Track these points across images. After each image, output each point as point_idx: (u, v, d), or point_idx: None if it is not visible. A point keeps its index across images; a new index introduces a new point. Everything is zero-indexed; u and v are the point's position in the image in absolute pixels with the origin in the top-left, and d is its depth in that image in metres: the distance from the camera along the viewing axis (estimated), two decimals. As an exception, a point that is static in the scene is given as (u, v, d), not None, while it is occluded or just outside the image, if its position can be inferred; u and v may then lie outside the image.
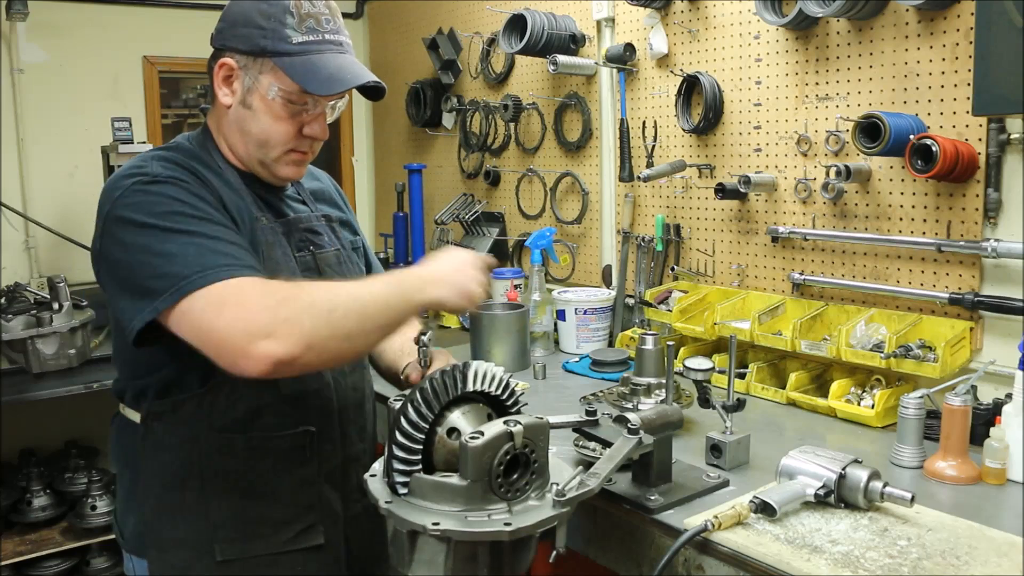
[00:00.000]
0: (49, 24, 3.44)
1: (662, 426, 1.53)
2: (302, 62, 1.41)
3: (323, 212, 1.67)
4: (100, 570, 3.21)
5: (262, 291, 1.25)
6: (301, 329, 1.20)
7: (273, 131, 1.47)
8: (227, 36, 1.46)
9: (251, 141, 1.49)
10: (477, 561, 1.24)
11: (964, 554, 1.29)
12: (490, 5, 3.21)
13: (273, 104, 1.44)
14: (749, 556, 1.31)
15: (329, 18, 1.46)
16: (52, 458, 3.37)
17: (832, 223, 2.23)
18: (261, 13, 1.42)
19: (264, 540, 1.48)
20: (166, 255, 1.28)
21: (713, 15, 2.48)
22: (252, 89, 1.45)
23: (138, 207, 1.33)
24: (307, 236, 1.58)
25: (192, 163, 1.45)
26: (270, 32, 1.41)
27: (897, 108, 2.04)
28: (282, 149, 1.49)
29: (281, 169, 1.52)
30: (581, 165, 3.04)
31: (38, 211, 3.43)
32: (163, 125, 3.82)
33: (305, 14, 1.42)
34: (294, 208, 1.61)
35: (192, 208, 1.34)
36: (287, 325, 1.20)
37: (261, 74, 1.43)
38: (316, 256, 1.57)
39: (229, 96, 1.47)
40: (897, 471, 1.69)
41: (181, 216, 1.32)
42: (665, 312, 2.48)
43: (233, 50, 1.45)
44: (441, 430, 1.31)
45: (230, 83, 1.47)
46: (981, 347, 1.96)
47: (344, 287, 1.31)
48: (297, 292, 1.25)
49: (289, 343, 1.19)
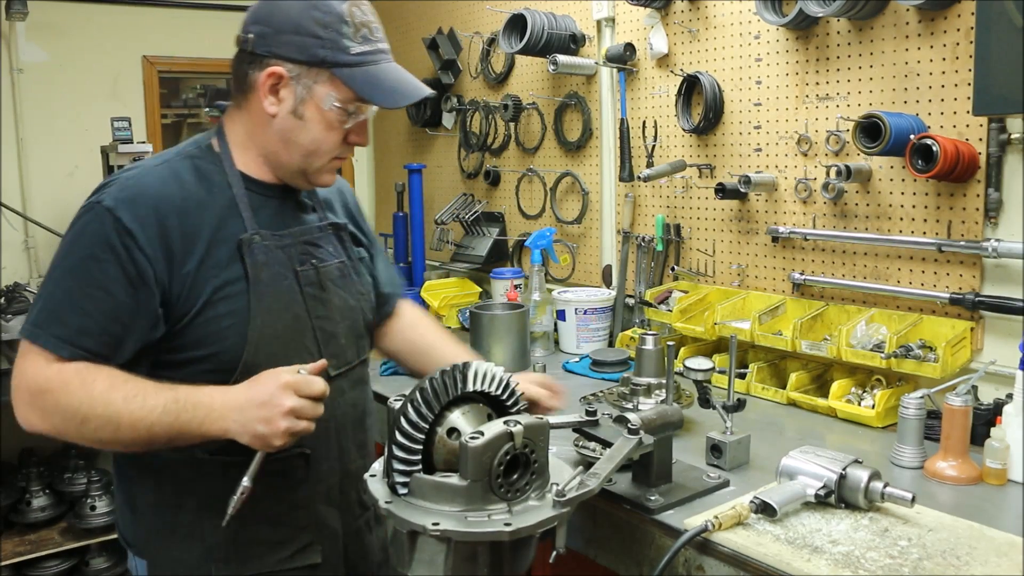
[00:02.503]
0: (49, 24, 3.44)
1: (662, 426, 1.53)
2: (363, 73, 1.41)
3: (331, 221, 1.63)
4: (99, 570, 3.21)
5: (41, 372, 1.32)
6: (50, 423, 1.33)
7: (324, 141, 1.45)
8: (274, 43, 1.40)
9: (297, 151, 1.45)
10: (477, 561, 1.24)
11: (964, 554, 1.29)
12: (490, 5, 3.21)
13: (328, 114, 1.42)
14: (749, 556, 1.31)
15: (377, 26, 1.45)
16: (52, 458, 3.37)
17: (832, 223, 2.23)
18: (316, 22, 1.38)
19: (260, 560, 1.48)
20: (43, 291, 1.38)
21: (713, 15, 2.48)
22: (305, 99, 1.41)
23: (71, 227, 1.41)
24: (308, 249, 1.53)
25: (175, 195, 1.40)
26: (328, 42, 1.38)
27: (897, 108, 2.04)
28: (329, 158, 1.48)
29: (323, 177, 1.51)
30: (581, 165, 3.04)
31: (38, 211, 3.43)
32: (163, 125, 3.82)
33: (359, 23, 1.41)
34: (301, 218, 1.56)
35: (93, 262, 1.35)
36: (41, 413, 1.33)
37: (316, 84, 1.40)
38: (319, 270, 1.53)
39: (275, 105, 1.43)
40: (897, 471, 1.69)
41: (78, 263, 1.36)
42: (665, 312, 2.48)
43: (284, 58, 1.40)
44: (441, 430, 1.31)
45: (277, 92, 1.42)
46: (982, 347, 1.96)
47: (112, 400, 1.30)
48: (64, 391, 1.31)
49: (38, 426, 1.34)
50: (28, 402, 1.33)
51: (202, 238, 1.40)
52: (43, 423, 1.33)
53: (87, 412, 1.30)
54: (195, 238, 1.39)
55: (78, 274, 1.35)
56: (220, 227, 1.42)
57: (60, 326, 1.33)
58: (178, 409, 1.30)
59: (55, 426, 1.33)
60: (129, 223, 1.35)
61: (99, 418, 1.30)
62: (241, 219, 1.45)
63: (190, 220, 1.40)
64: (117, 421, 1.30)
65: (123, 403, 1.30)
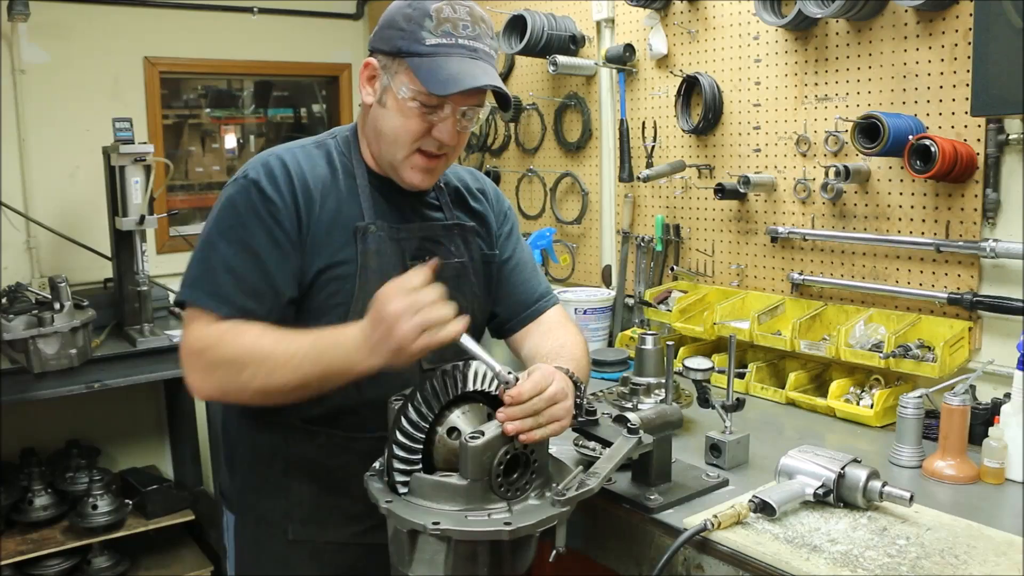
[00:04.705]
0: (50, 25, 3.44)
1: (662, 426, 1.54)
2: (429, 62, 1.43)
3: (458, 220, 1.66)
4: (101, 569, 3.21)
5: (200, 332, 1.41)
6: (211, 379, 1.41)
7: (402, 129, 1.48)
8: (376, 38, 1.51)
9: (383, 140, 1.52)
10: (477, 560, 1.25)
11: (963, 553, 1.30)
12: (490, 6, 3.21)
13: (403, 103, 1.46)
14: (748, 555, 1.31)
15: (468, 24, 1.46)
16: (53, 458, 3.37)
17: (831, 223, 2.24)
18: (404, 16, 1.46)
19: (335, 529, 1.56)
20: (196, 257, 1.47)
21: (713, 16, 2.48)
22: (388, 88, 1.48)
23: (218, 200, 1.50)
24: (426, 245, 1.58)
25: (307, 173, 1.50)
26: (408, 34, 1.44)
27: (896, 108, 2.04)
28: (408, 149, 1.50)
29: (407, 173, 1.53)
30: (581, 165, 3.04)
31: (39, 211, 3.43)
32: (164, 126, 3.82)
33: (444, 19, 1.44)
34: (425, 215, 1.61)
35: (240, 228, 1.45)
36: (204, 372, 1.41)
37: (396, 74, 1.47)
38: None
39: (371, 95, 1.52)
40: (896, 470, 1.70)
41: (228, 228, 1.46)
42: (665, 312, 2.49)
43: (378, 51, 1.50)
44: (441, 430, 1.31)
45: (372, 83, 1.52)
46: (980, 347, 1.96)
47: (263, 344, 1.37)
48: (219, 344, 1.39)
49: (205, 387, 1.42)
50: (193, 365, 1.41)
51: (324, 219, 1.50)
52: (208, 382, 1.41)
53: (243, 359, 1.37)
54: (319, 218, 1.49)
55: (229, 239, 1.45)
56: (340, 211, 1.52)
57: (216, 286, 1.43)
58: (322, 347, 1.35)
59: (219, 382, 1.40)
60: (271, 193, 1.46)
61: (254, 363, 1.36)
62: (360, 207, 1.53)
63: (315, 200, 1.50)
64: (271, 363, 1.35)
65: (273, 346, 1.37)
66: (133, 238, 3.06)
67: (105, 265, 3.38)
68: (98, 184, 3.21)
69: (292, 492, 1.56)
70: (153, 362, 3.01)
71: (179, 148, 4.05)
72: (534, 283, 1.78)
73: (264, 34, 3.93)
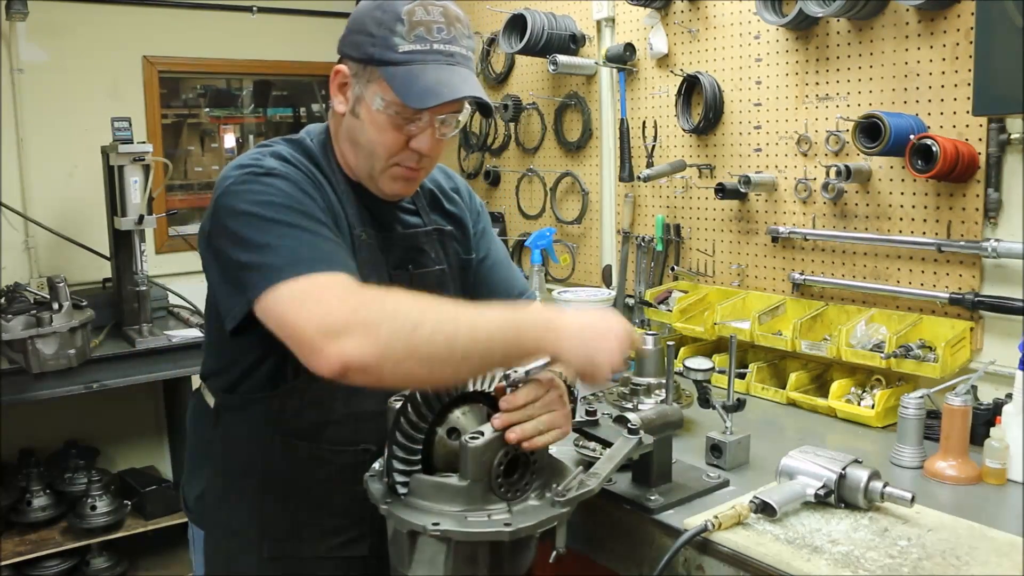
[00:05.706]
0: (49, 24, 3.43)
1: (662, 426, 1.53)
2: (404, 72, 1.35)
3: (437, 226, 1.60)
4: (100, 570, 3.21)
5: (346, 290, 1.20)
6: (377, 336, 1.14)
7: (378, 142, 1.41)
8: (344, 43, 1.43)
9: (360, 152, 1.45)
10: (477, 561, 1.24)
11: (964, 554, 1.29)
12: (490, 5, 3.21)
13: (378, 116, 1.39)
14: (749, 556, 1.31)
15: (443, 27, 1.37)
16: (52, 458, 3.37)
17: (832, 223, 2.23)
18: (374, 20, 1.37)
19: (311, 544, 1.50)
20: (263, 246, 1.26)
21: (713, 15, 2.48)
22: (360, 99, 1.40)
23: (245, 196, 1.32)
24: (409, 254, 1.53)
25: (307, 163, 1.43)
26: (379, 40, 1.36)
27: (897, 108, 2.04)
28: (386, 162, 1.43)
29: (386, 184, 1.46)
30: (581, 165, 3.04)
31: (38, 211, 3.42)
32: (163, 125, 3.81)
33: (416, 22, 1.35)
34: (404, 221, 1.55)
35: (296, 202, 1.32)
36: (363, 328, 1.14)
37: (369, 83, 1.39)
38: (413, 275, 1.52)
39: (343, 104, 1.44)
40: (897, 471, 1.69)
41: (283, 208, 1.30)
42: (665, 312, 2.48)
43: (348, 57, 1.42)
44: (441, 430, 1.31)
45: (344, 91, 1.43)
46: (981, 347, 1.96)
47: (444, 306, 1.21)
48: (383, 297, 1.19)
49: (363, 348, 1.13)
50: (340, 325, 1.14)
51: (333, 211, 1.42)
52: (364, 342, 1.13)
53: (420, 315, 1.16)
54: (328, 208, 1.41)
55: (294, 221, 1.29)
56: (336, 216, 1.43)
57: (317, 252, 1.25)
58: (518, 320, 1.24)
59: (381, 340, 1.13)
60: (293, 173, 1.37)
61: (433, 320, 1.16)
62: (348, 213, 1.46)
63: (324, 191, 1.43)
64: (455, 324, 1.17)
65: (455, 309, 1.21)
66: (132, 238, 3.05)
67: (104, 265, 3.37)
68: (97, 184, 3.20)
69: (266, 508, 1.49)
70: (152, 362, 3.00)
71: (178, 148, 4.04)
72: (512, 280, 1.76)
73: (263, 33, 3.93)
